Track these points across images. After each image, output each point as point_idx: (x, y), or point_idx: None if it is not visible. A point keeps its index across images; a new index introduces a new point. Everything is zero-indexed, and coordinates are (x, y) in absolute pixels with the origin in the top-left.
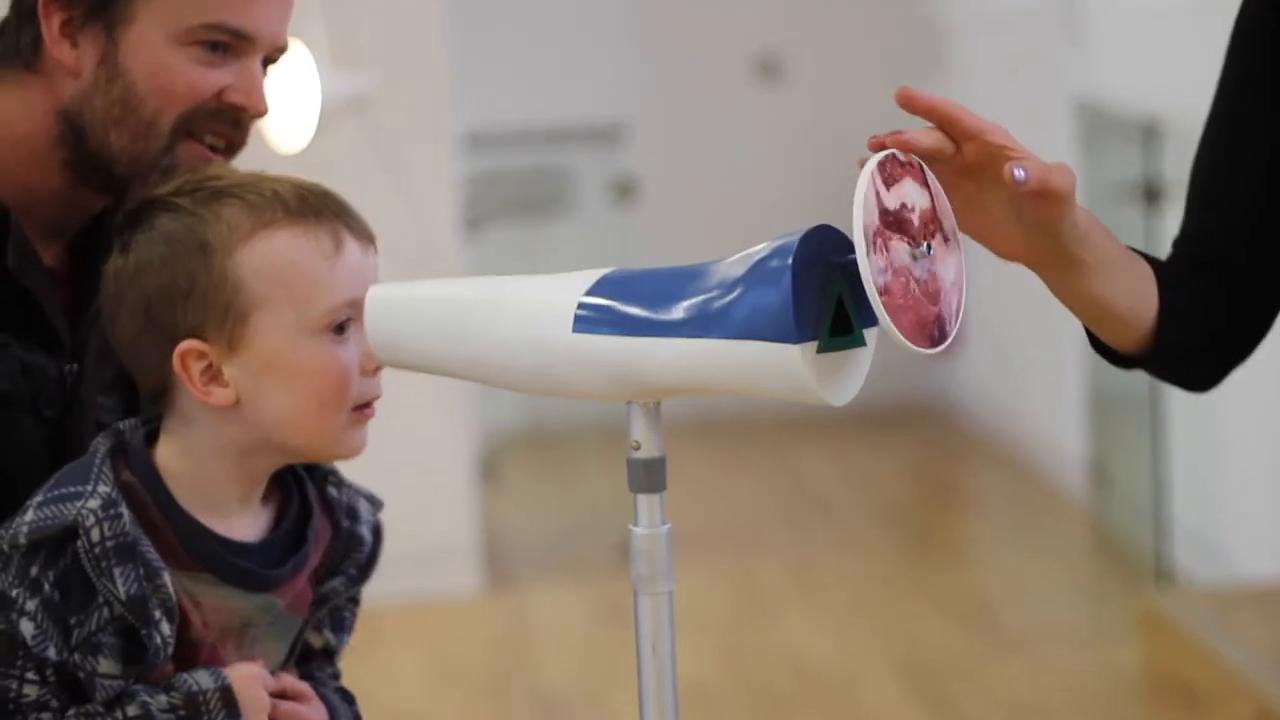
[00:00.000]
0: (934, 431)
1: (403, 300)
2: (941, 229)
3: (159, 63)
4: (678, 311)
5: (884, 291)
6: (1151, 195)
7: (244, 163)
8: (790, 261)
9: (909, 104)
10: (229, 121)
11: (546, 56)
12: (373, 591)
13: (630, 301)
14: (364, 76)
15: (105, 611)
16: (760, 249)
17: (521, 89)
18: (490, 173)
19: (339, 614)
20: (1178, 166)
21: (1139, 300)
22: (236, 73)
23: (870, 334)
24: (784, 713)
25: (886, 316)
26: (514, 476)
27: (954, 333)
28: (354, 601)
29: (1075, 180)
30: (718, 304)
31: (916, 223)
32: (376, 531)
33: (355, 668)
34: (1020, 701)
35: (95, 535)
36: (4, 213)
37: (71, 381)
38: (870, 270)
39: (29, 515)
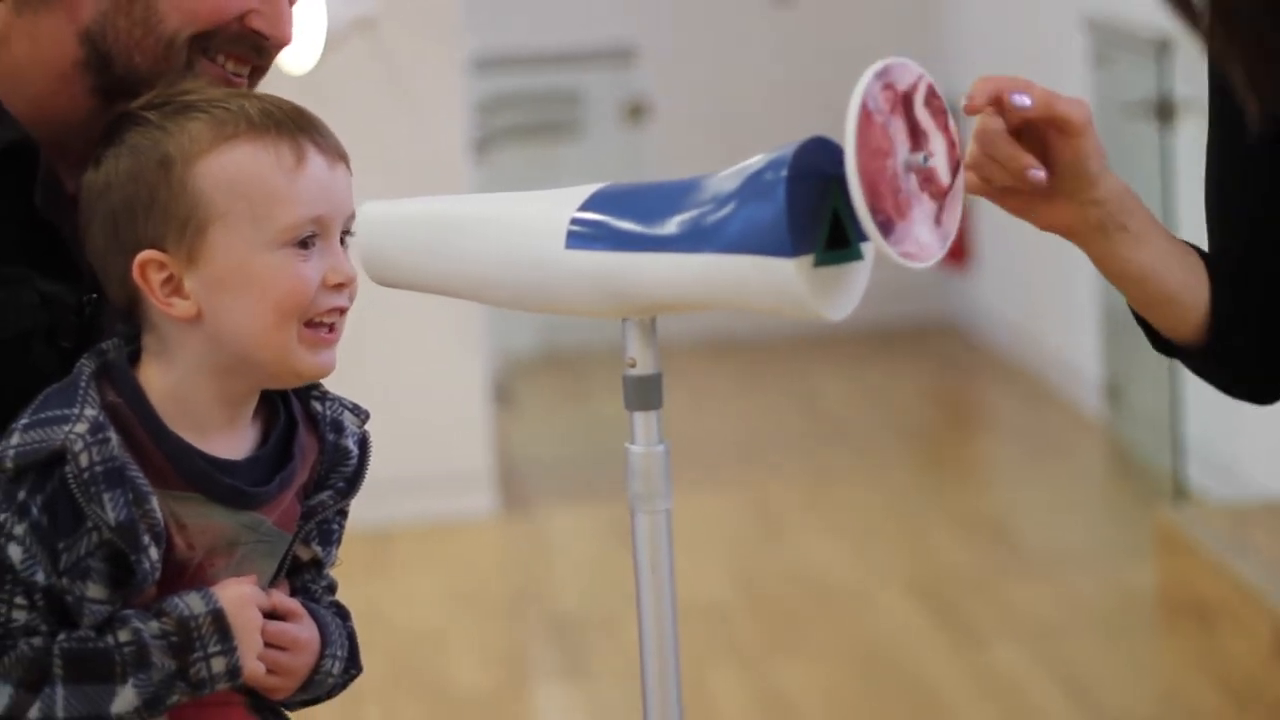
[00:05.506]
0: (949, 351)
1: (394, 217)
2: (947, 133)
3: None
4: (671, 226)
5: (878, 211)
6: (1165, 112)
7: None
8: (785, 174)
9: (975, 109)
10: (250, 47)
11: None
12: (387, 514)
13: (623, 216)
14: None
15: (94, 536)
16: (754, 161)
17: (532, 10)
18: (500, 95)
19: (327, 527)
20: (1191, 83)
21: (1189, 280)
22: None
23: (868, 248)
24: (799, 632)
25: (884, 243)
26: (528, 399)
27: (950, 240)
28: (342, 514)
29: (1089, 111)
30: (711, 218)
31: (915, 135)
32: (363, 443)
33: (370, 590)
34: (1035, 619)
35: (84, 460)
36: (34, 150)
37: (90, 311)
38: (862, 196)
39: (14, 439)
